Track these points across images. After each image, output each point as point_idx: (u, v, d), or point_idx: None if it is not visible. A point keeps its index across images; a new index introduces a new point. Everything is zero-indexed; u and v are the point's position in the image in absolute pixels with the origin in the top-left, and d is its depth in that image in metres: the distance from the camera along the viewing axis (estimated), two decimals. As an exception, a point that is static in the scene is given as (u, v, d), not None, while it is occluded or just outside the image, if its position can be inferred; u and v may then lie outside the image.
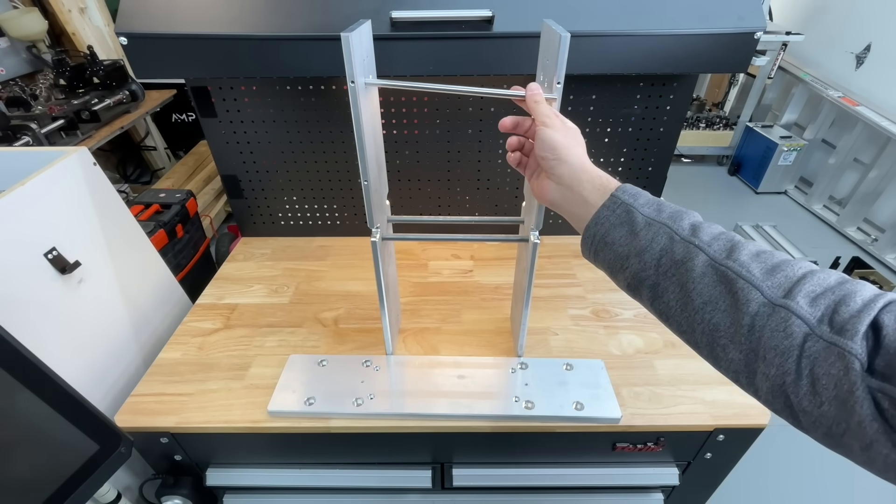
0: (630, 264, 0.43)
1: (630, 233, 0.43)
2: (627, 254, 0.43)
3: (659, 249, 0.41)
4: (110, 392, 0.79)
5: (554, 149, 0.49)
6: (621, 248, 0.44)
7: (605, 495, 0.85)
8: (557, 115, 0.51)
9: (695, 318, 0.39)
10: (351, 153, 1.00)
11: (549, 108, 0.51)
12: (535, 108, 0.51)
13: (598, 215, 0.46)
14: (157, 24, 0.74)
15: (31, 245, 0.66)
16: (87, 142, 1.80)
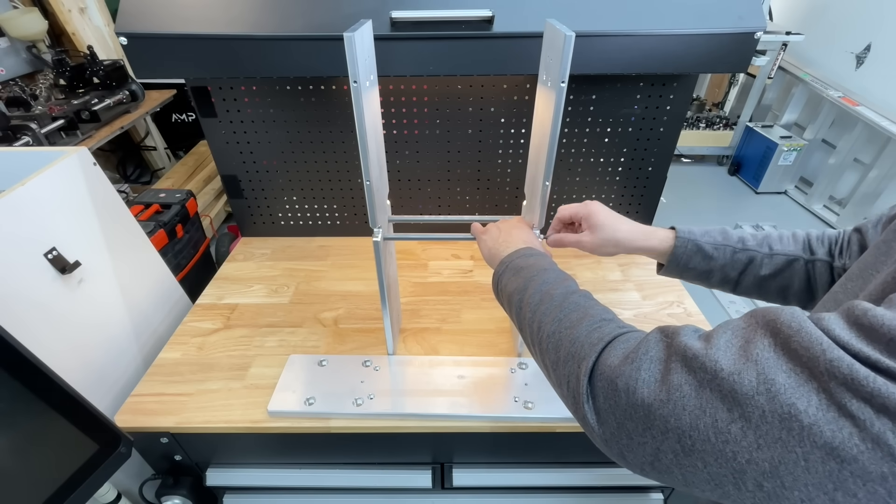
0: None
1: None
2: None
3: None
4: (110, 392, 0.79)
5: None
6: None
7: (605, 495, 0.85)
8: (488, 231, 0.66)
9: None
10: (351, 153, 1.00)
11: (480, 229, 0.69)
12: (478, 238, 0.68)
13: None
14: (157, 24, 0.74)
15: (31, 245, 0.66)
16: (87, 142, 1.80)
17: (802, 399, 0.24)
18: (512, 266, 0.55)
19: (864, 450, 0.22)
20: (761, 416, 0.25)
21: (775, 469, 0.25)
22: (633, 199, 1.08)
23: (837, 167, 2.58)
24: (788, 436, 0.24)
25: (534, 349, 0.45)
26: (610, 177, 1.04)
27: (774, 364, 0.26)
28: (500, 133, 0.98)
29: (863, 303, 0.26)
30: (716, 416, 0.27)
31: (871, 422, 0.22)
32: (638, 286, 0.98)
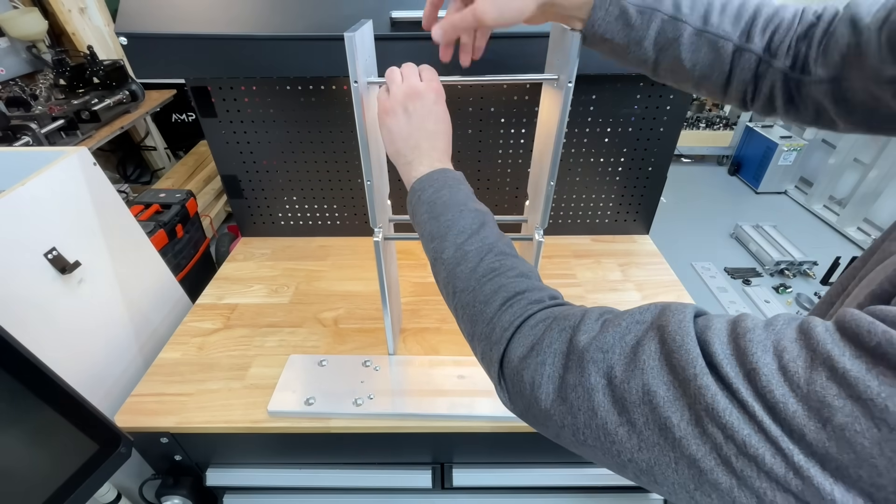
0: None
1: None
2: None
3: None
4: (110, 392, 0.79)
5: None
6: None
7: (605, 495, 0.85)
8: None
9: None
10: (351, 153, 1.00)
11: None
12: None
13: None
14: (157, 24, 0.74)
15: (31, 245, 0.66)
16: (87, 142, 1.79)
17: (676, 414, 0.26)
18: (425, 199, 0.48)
19: (715, 466, 0.25)
20: (644, 423, 0.27)
21: (651, 468, 0.27)
22: (633, 199, 1.08)
23: (837, 167, 2.58)
24: (664, 443, 0.27)
25: (451, 309, 0.44)
26: (610, 177, 1.04)
27: (657, 375, 0.27)
28: (500, 133, 0.98)
29: (750, 323, 0.26)
30: (606, 419, 0.29)
31: (721, 446, 0.24)
32: (638, 286, 0.98)
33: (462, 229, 0.44)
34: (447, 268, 0.43)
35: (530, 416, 0.34)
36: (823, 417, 0.21)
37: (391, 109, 0.50)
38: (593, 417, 0.29)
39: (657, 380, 0.27)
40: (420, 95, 0.50)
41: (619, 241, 1.11)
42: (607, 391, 0.29)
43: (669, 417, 0.26)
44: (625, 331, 0.30)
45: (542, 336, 0.34)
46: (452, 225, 0.44)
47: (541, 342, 0.33)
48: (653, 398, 0.27)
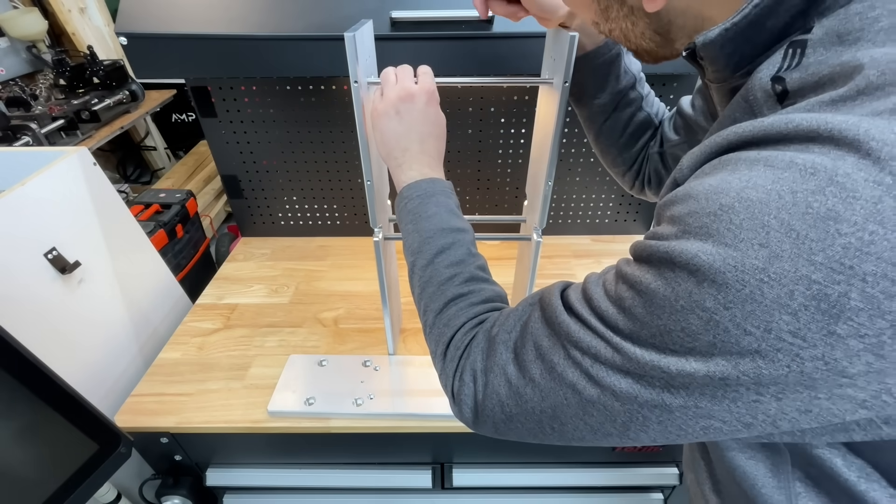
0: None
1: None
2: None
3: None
4: (110, 392, 0.79)
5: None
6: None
7: (605, 495, 0.85)
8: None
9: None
10: (351, 153, 1.00)
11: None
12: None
13: None
14: (157, 24, 0.74)
15: (31, 245, 0.66)
16: (87, 142, 1.79)
17: (556, 355, 0.32)
18: (410, 209, 0.50)
19: (586, 384, 0.30)
20: (540, 374, 0.33)
21: (556, 414, 0.33)
22: (633, 199, 1.08)
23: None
24: (555, 384, 0.32)
25: (421, 318, 0.49)
26: (610, 177, 1.04)
27: (540, 332, 0.34)
28: (500, 133, 0.98)
29: (591, 276, 0.34)
30: (518, 384, 0.35)
31: (580, 362, 0.31)
32: (638, 286, 0.98)
33: (438, 249, 0.46)
34: (419, 284, 0.48)
35: (477, 420, 0.39)
36: (622, 307, 0.29)
37: (383, 111, 0.51)
38: (509, 387, 0.35)
39: (541, 335, 0.34)
40: (412, 97, 0.50)
41: (619, 241, 1.11)
42: (513, 361, 0.35)
43: (552, 359, 0.32)
44: (520, 313, 0.37)
45: (467, 352, 0.40)
46: (429, 242, 0.47)
47: (467, 358, 0.40)
48: (540, 350, 0.33)
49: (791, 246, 0.22)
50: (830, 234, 0.21)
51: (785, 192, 0.22)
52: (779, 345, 0.23)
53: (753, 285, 0.23)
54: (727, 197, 0.24)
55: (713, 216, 0.24)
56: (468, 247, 0.47)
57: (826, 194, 0.21)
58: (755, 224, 0.23)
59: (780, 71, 0.28)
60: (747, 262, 0.23)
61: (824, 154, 0.22)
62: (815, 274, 0.22)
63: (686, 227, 0.26)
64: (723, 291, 0.24)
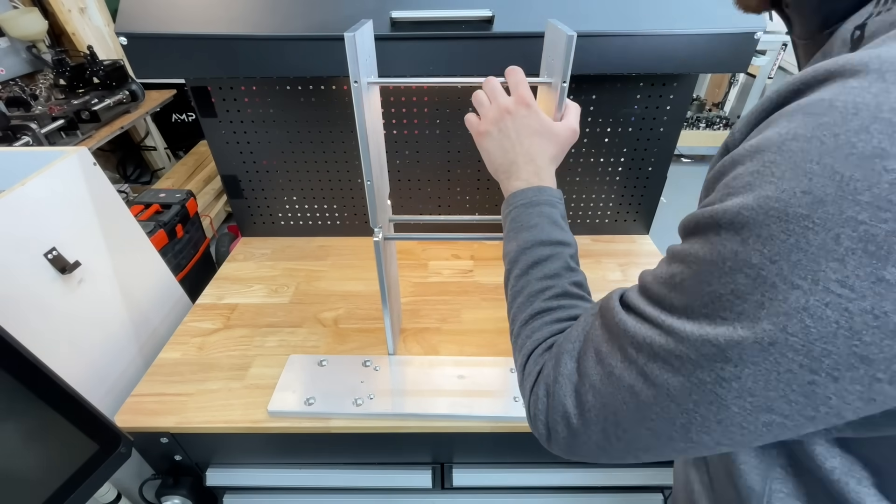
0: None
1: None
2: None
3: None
4: (110, 392, 0.79)
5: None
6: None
7: (605, 495, 0.85)
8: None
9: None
10: (351, 153, 1.00)
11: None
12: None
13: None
14: (157, 24, 0.74)
15: (31, 245, 0.66)
16: (87, 142, 1.79)
17: (614, 358, 0.31)
18: (512, 216, 0.49)
19: (643, 386, 0.29)
20: (600, 380, 0.32)
21: (617, 420, 0.31)
22: (633, 199, 1.08)
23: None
24: (615, 389, 0.31)
25: (509, 326, 0.48)
26: (610, 177, 1.04)
27: (600, 338, 0.33)
28: (500, 133, 0.98)
29: (644, 272, 0.33)
30: (580, 391, 0.34)
31: (636, 360, 0.30)
32: (638, 286, 0.98)
33: (534, 260, 0.45)
34: (511, 292, 0.47)
35: (549, 437, 0.38)
36: (672, 284, 0.29)
37: (485, 132, 0.52)
38: (575, 396, 0.34)
39: (600, 341, 0.33)
40: (510, 113, 0.50)
41: (619, 241, 1.11)
42: (576, 371, 0.35)
43: (610, 363, 0.31)
44: (584, 322, 0.37)
45: (544, 368, 0.39)
46: (526, 253, 0.46)
47: (542, 373, 0.38)
48: (600, 356, 0.33)
49: (835, 189, 0.21)
50: (877, 171, 0.20)
51: (826, 136, 0.22)
52: (826, 298, 0.22)
53: (798, 234, 0.22)
54: (768, 153, 0.24)
55: (756, 174, 0.24)
56: (566, 260, 0.45)
57: (871, 132, 0.21)
58: (797, 172, 0.22)
59: (869, 18, 0.26)
60: (790, 210, 0.22)
61: (865, 89, 0.21)
62: (862, 214, 0.21)
63: (730, 190, 0.25)
64: (768, 245, 0.23)
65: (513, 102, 0.50)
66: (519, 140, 0.50)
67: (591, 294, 0.46)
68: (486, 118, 0.52)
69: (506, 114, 0.50)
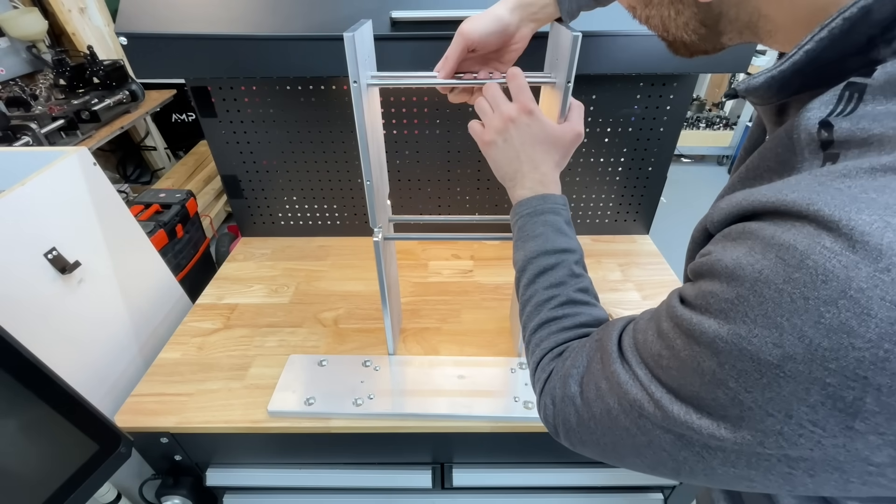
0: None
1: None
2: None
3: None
4: (110, 392, 0.79)
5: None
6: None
7: (605, 495, 0.85)
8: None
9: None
10: (351, 153, 1.00)
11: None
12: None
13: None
14: (157, 24, 0.74)
15: (31, 245, 0.66)
16: (87, 142, 1.79)
17: (612, 399, 0.33)
18: (519, 225, 0.51)
19: (637, 430, 0.31)
20: (600, 412, 0.34)
21: (616, 447, 0.34)
22: (633, 199, 1.08)
23: (837, 167, 2.58)
24: (613, 424, 0.33)
25: (521, 333, 0.50)
26: (610, 177, 1.04)
27: (600, 374, 0.35)
28: (500, 133, 0.98)
29: (642, 317, 0.35)
30: (583, 415, 0.36)
31: (630, 411, 0.32)
32: (638, 286, 0.98)
33: (540, 269, 0.47)
34: (521, 301, 0.49)
35: (558, 437, 0.40)
36: (660, 364, 0.30)
37: (490, 142, 0.52)
38: (577, 418, 0.37)
39: (600, 377, 0.35)
40: (514, 121, 0.50)
41: (619, 241, 1.11)
42: (580, 395, 0.37)
43: (608, 402, 0.33)
44: (588, 349, 0.38)
45: (546, 388, 0.41)
46: (532, 262, 0.48)
47: (548, 383, 0.41)
48: (600, 391, 0.35)
49: (804, 350, 0.22)
50: (844, 346, 0.21)
51: (797, 296, 0.22)
52: (800, 430, 0.23)
53: (770, 377, 0.23)
54: (742, 287, 0.25)
55: (730, 303, 0.25)
56: (571, 267, 0.47)
57: (839, 307, 0.21)
58: (768, 322, 0.23)
59: (831, 115, 0.26)
60: (762, 357, 0.23)
61: (838, 256, 0.21)
62: (829, 378, 0.22)
63: (707, 306, 0.27)
64: (742, 377, 0.24)
65: (515, 110, 0.50)
66: (523, 149, 0.50)
67: (598, 298, 0.47)
68: (490, 128, 0.52)
69: (509, 123, 0.50)
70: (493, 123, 0.51)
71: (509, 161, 0.51)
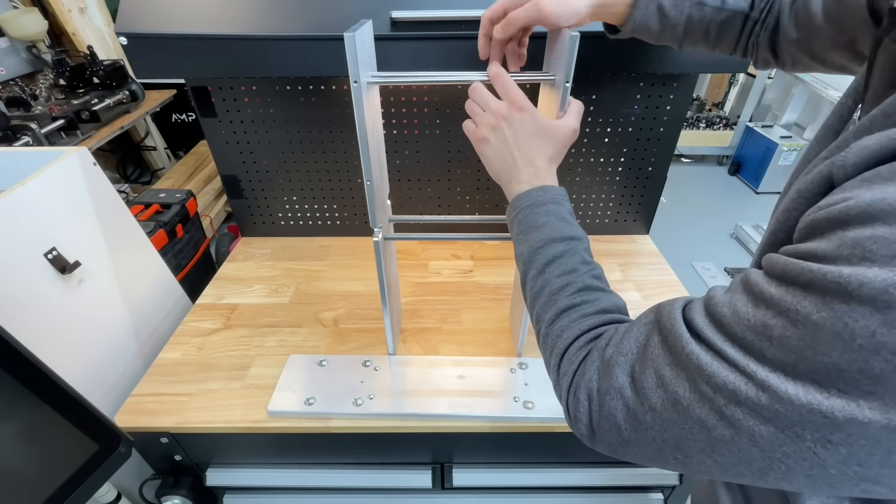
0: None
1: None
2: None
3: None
4: (110, 392, 0.79)
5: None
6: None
7: (605, 495, 0.85)
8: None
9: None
10: (351, 153, 1.00)
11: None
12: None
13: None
14: (157, 24, 0.74)
15: (31, 245, 0.66)
16: (87, 142, 1.80)
17: (681, 387, 0.29)
18: (520, 219, 0.49)
19: (717, 421, 0.28)
20: (662, 404, 0.31)
21: (679, 445, 0.30)
22: (633, 199, 1.08)
23: (837, 167, 2.58)
24: (679, 416, 0.30)
25: (534, 327, 0.47)
26: (610, 177, 1.04)
27: (662, 360, 0.31)
28: (500, 133, 0.98)
29: (715, 292, 0.31)
30: (636, 410, 0.32)
31: (713, 399, 0.28)
32: (638, 286, 0.98)
33: (549, 258, 0.44)
34: (531, 294, 0.46)
35: (594, 439, 0.37)
36: (768, 335, 0.26)
37: (483, 139, 0.52)
38: (627, 412, 0.33)
39: (662, 364, 0.31)
40: (505, 118, 0.50)
41: (619, 241, 1.11)
42: (630, 386, 0.33)
43: (676, 391, 0.30)
44: (637, 334, 0.35)
45: (579, 377, 0.38)
46: (539, 252, 0.45)
47: (582, 375, 0.37)
48: (662, 380, 0.31)
49: None
50: None
51: None
52: None
53: None
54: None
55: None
56: (581, 255, 0.44)
57: None
58: None
59: None
60: None
61: None
62: None
63: (868, 254, 0.22)
64: None
65: (506, 107, 0.50)
66: (517, 144, 0.50)
67: (609, 285, 0.45)
68: (483, 125, 0.52)
69: (501, 119, 0.50)
70: (484, 121, 0.51)
71: (503, 157, 0.51)
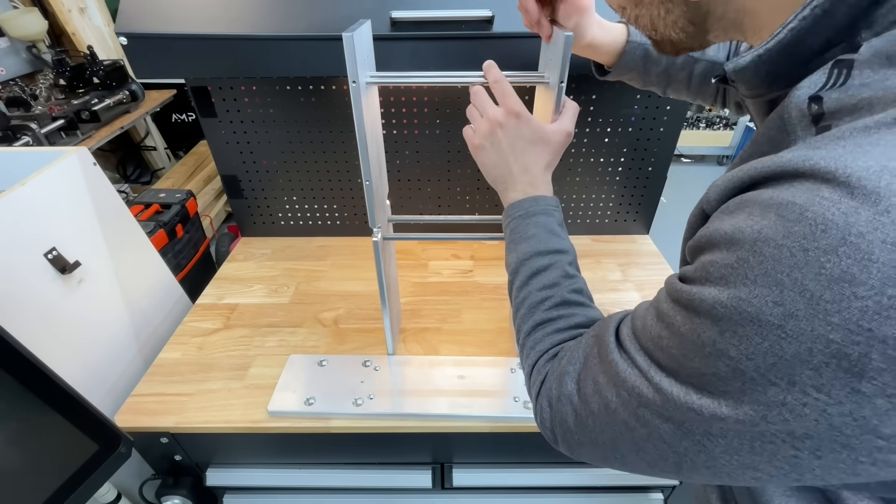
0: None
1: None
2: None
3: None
4: (110, 392, 0.79)
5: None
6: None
7: (605, 495, 0.85)
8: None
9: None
10: (351, 153, 1.00)
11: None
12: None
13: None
14: (157, 24, 0.74)
15: (31, 245, 0.66)
16: (87, 142, 1.79)
17: (610, 392, 0.33)
18: (511, 227, 0.51)
19: (636, 423, 0.31)
20: (598, 408, 0.34)
21: (615, 445, 0.33)
22: (633, 199, 1.08)
23: (837, 167, 2.57)
24: (611, 418, 0.33)
25: (515, 336, 0.50)
26: (610, 177, 1.04)
27: (597, 368, 0.35)
28: (500, 133, 0.98)
29: (640, 306, 0.35)
30: (581, 413, 0.36)
31: (630, 402, 0.31)
32: (638, 286, 0.98)
33: (533, 271, 0.47)
34: (515, 304, 0.48)
35: (556, 442, 0.40)
36: (660, 346, 0.29)
37: (479, 146, 0.53)
38: (575, 417, 0.36)
39: (598, 371, 0.35)
40: (502, 125, 0.50)
41: (619, 241, 1.11)
42: (577, 393, 0.36)
43: (606, 396, 0.33)
44: (584, 345, 0.38)
45: (542, 390, 0.41)
46: (525, 264, 0.47)
47: (544, 385, 0.41)
48: (598, 386, 0.34)
49: (805, 306, 0.21)
50: (846, 296, 0.20)
51: (796, 249, 0.22)
52: (804, 399, 0.22)
53: (772, 340, 0.23)
54: (742, 249, 0.24)
55: (730, 268, 0.25)
56: (564, 268, 0.46)
57: (839, 255, 0.20)
58: (769, 281, 0.23)
59: (821, 90, 0.26)
60: (763, 318, 0.23)
61: (837, 204, 0.21)
62: (833, 334, 0.21)
63: (707, 275, 0.26)
64: (743, 343, 0.24)
65: (502, 114, 0.50)
66: (512, 152, 0.51)
67: (592, 299, 0.46)
68: (479, 132, 0.52)
69: (497, 127, 0.50)
70: (481, 128, 0.52)
71: (498, 164, 0.52)
